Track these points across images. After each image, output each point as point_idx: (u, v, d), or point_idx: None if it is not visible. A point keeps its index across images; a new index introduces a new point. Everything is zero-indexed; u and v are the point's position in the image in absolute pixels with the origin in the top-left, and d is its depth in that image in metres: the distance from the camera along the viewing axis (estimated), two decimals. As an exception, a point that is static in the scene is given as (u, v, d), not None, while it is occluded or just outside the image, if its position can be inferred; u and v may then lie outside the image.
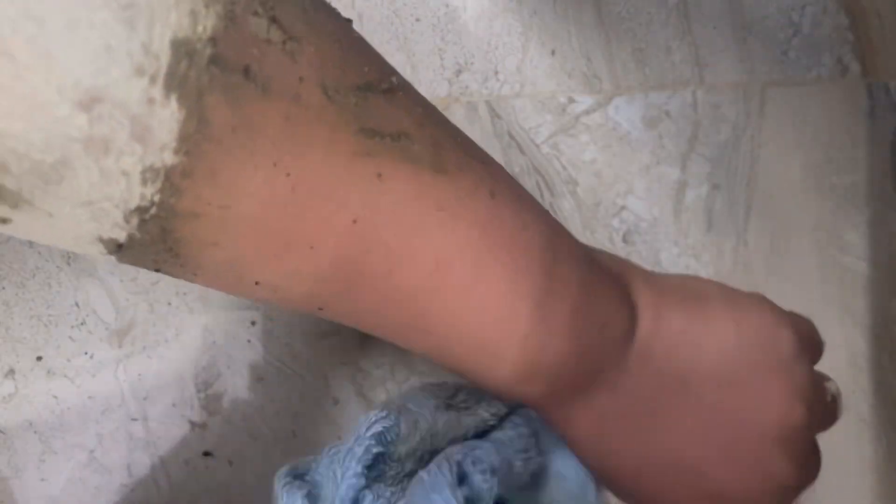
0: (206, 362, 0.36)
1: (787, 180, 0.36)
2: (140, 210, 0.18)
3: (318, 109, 0.19)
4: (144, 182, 0.17)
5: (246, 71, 0.18)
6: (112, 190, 0.17)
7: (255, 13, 0.18)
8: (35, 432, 0.35)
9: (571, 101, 0.37)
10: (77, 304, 0.36)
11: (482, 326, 0.23)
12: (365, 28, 0.38)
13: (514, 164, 0.37)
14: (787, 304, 0.35)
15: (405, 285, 0.22)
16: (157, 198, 0.18)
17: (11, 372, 0.35)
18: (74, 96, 0.16)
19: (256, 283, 0.21)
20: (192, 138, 0.17)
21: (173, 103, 0.17)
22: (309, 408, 0.36)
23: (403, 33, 0.38)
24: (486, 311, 0.23)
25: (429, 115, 0.22)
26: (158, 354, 0.36)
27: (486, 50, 0.37)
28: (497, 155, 0.37)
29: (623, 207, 0.36)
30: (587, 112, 0.37)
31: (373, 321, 0.23)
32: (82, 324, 0.36)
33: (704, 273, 0.36)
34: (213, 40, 0.17)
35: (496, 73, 0.37)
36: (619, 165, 0.36)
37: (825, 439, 0.34)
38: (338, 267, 0.21)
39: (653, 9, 0.37)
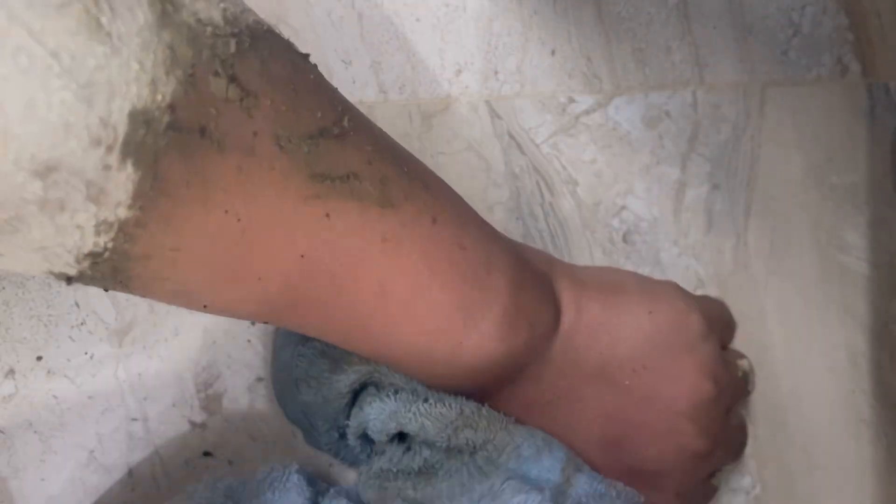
0: (206, 362, 0.36)
1: (787, 180, 0.36)
2: (93, 255, 0.19)
3: (270, 160, 0.20)
4: (98, 233, 0.18)
5: (202, 130, 0.19)
6: (66, 240, 0.18)
7: (216, 73, 0.19)
8: (35, 432, 0.35)
9: (571, 101, 0.37)
10: (77, 304, 0.36)
11: (419, 336, 0.25)
12: (365, 28, 0.38)
13: (514, 164, 0.37)
14: (787, 304, 0.35)
15: (349, 305, 0.24)
16: (110, 245, 0.18)
17: (11, 372, 0.35)
18: (30, 167, 0.16)
19: (205, 307, 0.22)
20: (147, 195, 0.18)
21: (129, 167, 0.17)
22: (309, 408, 0.36)
23: (403, 33, 0.38)
24: (423, 322, 0.25)
25: (379, 151, 0.24)
26: (158, 354, 0.36)
27: (486, 50, 0.37)
28: (497, 155, 0.37)
29: (623, 207, 0.36)
30: (587, 112, 0.37)
31: (318, 332, 0.25)
32: (82, 324, 0.36)
33: (704, 273, 0.36)
34: (171, 107, 0.18)
35: (496, 73, 0.37)
36: (619, 165, 0.36)
37: (825, 440, 0.34)
38: (284, 293, 0.23)
39: (653, 9, 0.37)
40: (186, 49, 0.18)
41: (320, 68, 0.30)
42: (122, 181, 0.17)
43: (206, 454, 0.36)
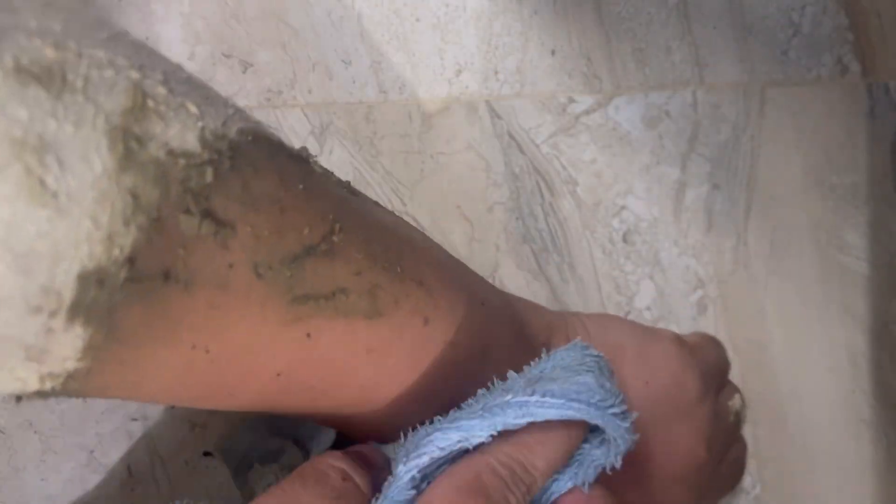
0: (206, 362, 0.36)
1: (787, 180, 0.36)
2: (41, 392, 0.17)
3: (246, 290, 0.18)
4: (43, 381, 0.16)
5: (166, 275, 0.17)
6: (7, 386, 0.16)
7: (187, 211, 0.17)
8: (35, 432, 0.35)
9: (571, 101, 0.37)
10: (77, 304, 0.36)
11: (405, 425, 0.24)
12: (365, 28, 0.38)
13: (514, 164, 0.37)
14: (787, 304, 0.35)
15: (329, 408, 0.23)
16: (59, 386, 0.17)
17: (11, 372, 0.35)
18: None
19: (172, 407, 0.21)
20: (100, 346, 0.16)
21: (77, 328, 0.16)
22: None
23: (403, 33, 0.38)
24: (408, 416, 0.24)
25: (371, 256, 0.22)
26: (158, 354, 0.36)
27: (486, 50, 0.37)
28: (497, 155, 0.37)
29: (623, 207, 0.36)
30: (587, 112, 0.37)
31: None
32: (82, 324, 0.36)
33: (704, 273, 0.36)
34: (130, 259, 0.16)
35: (496, 73, 0.37)
36: (619, 165, 0.36)
37: (825, 440, 0.34)
38: (257, 403, 0.22)
39: (653, 9, 0.37)
40: (152, 190, 0.16)
41: (320, 68, 0.30)
42: (69, 341, 0.16)
43: (206, 454, 0.36)
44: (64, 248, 0.15)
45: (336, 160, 0.37)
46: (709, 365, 0.32)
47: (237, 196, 0.18)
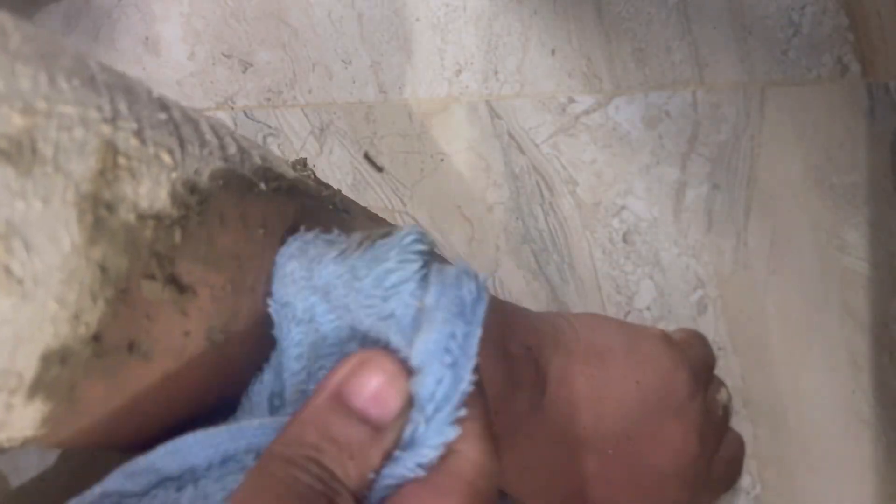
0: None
1: (787, 180, 0.36)
2: None
3: (200, 357, 0.18)
4: (1, 445, 0.16)
5: (131, 346, 0.16)
6: None
7: (151, 277, 0.16)
8: (35, 432, 0.35)
9: (571, 101, 0.37)
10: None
11: None
12: (365, 28, 0.38)
13: (514, 164, 0.37)
14: (787, 304, 0.35)
15: None
16: (18, 445, 0.17)
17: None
18: None
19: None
20: (60, 417, 0.16)
21: (37, 403, 0.15)
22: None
23: (403, 33, 0.38)
24: None
25: None
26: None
27: (486, 50, 0.37)
28: (497, 155, 0.37)
29: (623, 207, 0.36)
30: (587, 112, 0.37)
31: None
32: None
33: (704, 273, 0.36)
34: (96, 337, 0.16)
35: (496, 73, 0.37)
36: (619, 165, 0.36)
37: (825, 439, 0.34)
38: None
39: (653, 9, 0.37)
40: (121, 260, 0.16)
41: (320, 69, 0.30)
42: (28, 414, 0.16)
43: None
44: (27, 332, 0.15)
45: (336, 160, 0.37)
46: (697, 361, 0.32)
47: (202, 255, 0.18)
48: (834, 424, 0.34)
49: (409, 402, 0.17)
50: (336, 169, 0.37)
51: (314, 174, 0.23)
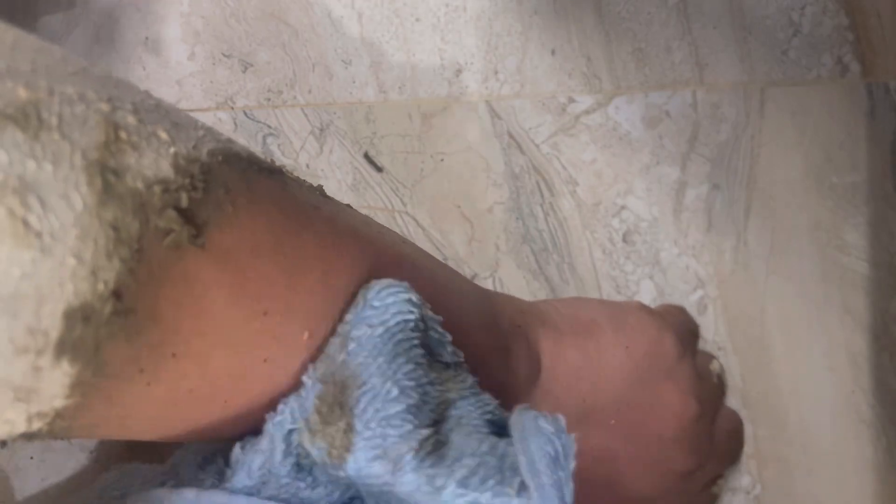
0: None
1: (787, 180, 0.36)
2: (27, 434, 0.17)
3: (222, 316, 0.18)
4: (30, 422, 0.16)
5: (151, 308, 0.17)
6: None
7: (167, 234, 0.17)
8: (35, 432, 0.35)
9: (571, 101, 0.37)
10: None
11: None
12: (365, 28, 0.38)
13: (514, 164, 0.37)
14: (787, 304, 0.35)
15: None
16: (45, 428, 0.17)
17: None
18: None
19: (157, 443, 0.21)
20: (88, 382, 0.16)
21: (64, 365, 0.16)
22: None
23: (403, 33, 0.38)
24: None
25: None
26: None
27: (486, 50, 0.37)
28: (497, 155, 0.37)
29: (623, 207, 0.36)
30: (587, 112, 0.37)
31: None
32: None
33: (704, 273, 0.36)
34: (115, 294, 0.16)
35: (496, 73, 0.37)
36: (619, 165, 0.36)
37: (825, 440, 0.34)
38: (257, 409, 0.21)
39: (653, 9, 0.37)
40: (132, 221, 0.16)
41: (320, 69, 0.30)
42: (57, 379, 0.16)
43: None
44: (49, 287, 0.15)
45: (336, 160, 0.37)
46: (679, 326, 0.33)
47: (211, 218, 0.18)
48: (834, 424, 0.34)
49: None
50: (336, 169, 0.37)
51: (290, 174, 0.23)
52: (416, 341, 0.20)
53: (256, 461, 0.21)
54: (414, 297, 0.21)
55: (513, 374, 0.27)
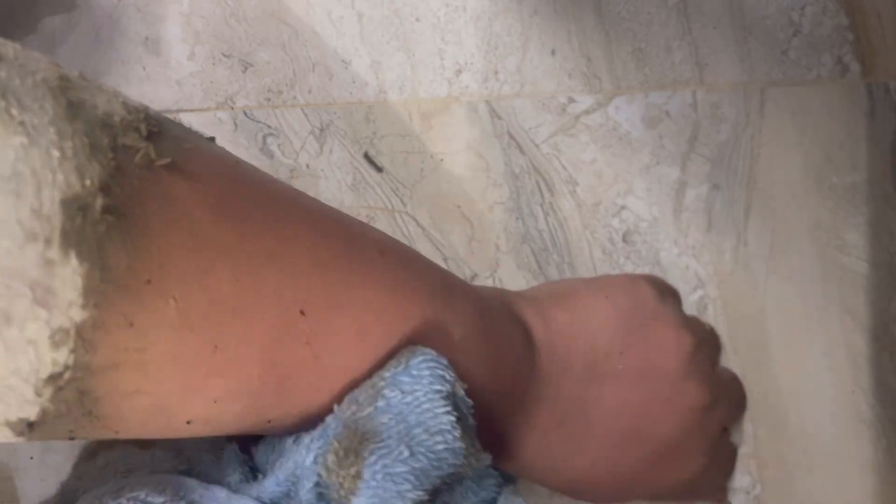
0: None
1: (787, 180, 0.36)
2: (53, 378, 0.17)
3: (209, 232, 0.19)
4: (55, 345, 0.17)
5: (140, 212, 0.18)
6: (19, 363, 0.16)
7: (137, 151, 0.18)
8: (35, 432, 0.35)
9: (571, 101, 0.37)
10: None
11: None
12: (365, 28, 0.38)
13: (514, 164, 0.37)
14: (787, 304, 0.35)
15: (332, 361, 0.23)
16: (70, 360, 0.17)
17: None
18: None
19: (188, 422, 0.20)
20: (98, 288, 0.17)
21: (73, 260, 0.16)
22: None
23: (403, 33, 0.38)
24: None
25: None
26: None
27: (486, 50, 0.37)
28: (497, 155, 0.37)
29: (623, 207, 0.36)
30: (587, 112, 0.37)
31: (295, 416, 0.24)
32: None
33: (704, 273, 0.36)
34: (103, 190, 0.17)
35: (496, 73, 0.37)
36: (619, 165, 0.36)
37: (825, 440, 0.34)
38: (267, 372, 0.21)
39: (653, 9, 0.37)
40: (101, 135, 0.18)
41: (320, 69, 0.30)
42: (69, 276, 0.16)
43: (207, 454, 0.36)
44: (43, 173, 0.16)
45: (336, 160, 0.37)
46: (655, 280, 0.34)
47: (174, 151, 0.19)
48: (834, 424, 0.34)
49: None
50: (336, 169, 0.37)
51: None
52: (441, 409, 0.23)
53: (283, 473, 0.23)
54: (448, 375, 0.23)
55: (515, 357, 0.28)
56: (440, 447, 0.22)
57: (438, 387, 0.23)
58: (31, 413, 0.17)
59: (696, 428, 0.31)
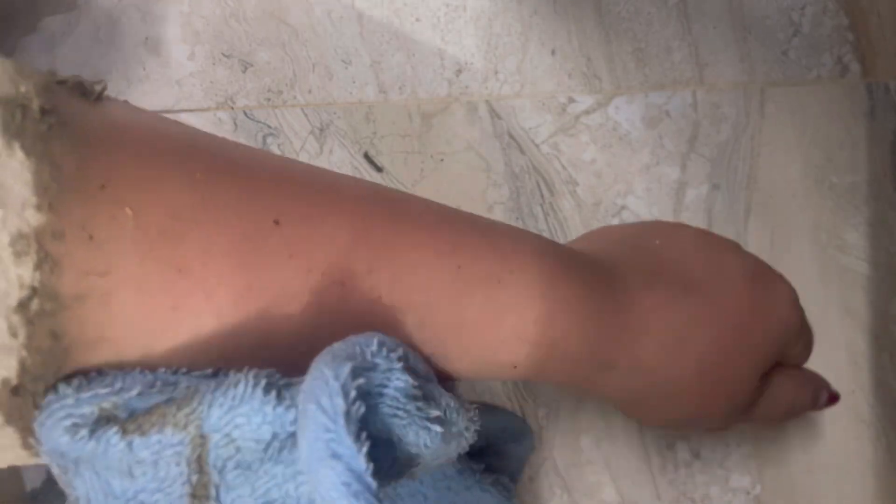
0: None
1: (787, 180, 0.36)
2: (22, 306, 0.16)
3: (160, 143, 0.19)
4: (17, 255, 0.16)
5: (80, 117, 0.18)
6: None
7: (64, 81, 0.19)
8: (35, 432, 0.35)
9: (571, 101, 0.37)
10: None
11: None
12: (365, 28, 0.38)
13: (514, 164, 0.37)
14: (787, 304, 0.35)
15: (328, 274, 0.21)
16: (36, 279, 0.16)
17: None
18: None
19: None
20: (51, 188, 0.17)
21: (18, 152, 0.16)
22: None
23: (403, 33, 0.38)
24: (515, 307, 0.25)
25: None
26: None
27: (486, 50, 0.37)
28: (497, 155, 0.37)
29: (623, 207, 0.36)
30: (587, 112, 0.37)
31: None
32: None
33: (704, 273, 0.36)
34: (38, 94, 0.17)
35: (496, 73, 0.37)
36: (619, 165, 0.36)
37: (825, 439, 0.34)
38: (242, 298, 0.19)
39: (653, 9, 0.37)
40: (9, 86, 0.18)
41: (320, 69, 0.30)
42: (17, 168, 0.16)
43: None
44: None
45: (336, 160, 0.37)
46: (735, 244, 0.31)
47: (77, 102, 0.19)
48: (834, 424, 0.34)
49: None
50: (336, 169, 0.37)
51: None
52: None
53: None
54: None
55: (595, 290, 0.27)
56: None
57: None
58: (11, 368, 0.17)
59: (781, 341, 0.29)
